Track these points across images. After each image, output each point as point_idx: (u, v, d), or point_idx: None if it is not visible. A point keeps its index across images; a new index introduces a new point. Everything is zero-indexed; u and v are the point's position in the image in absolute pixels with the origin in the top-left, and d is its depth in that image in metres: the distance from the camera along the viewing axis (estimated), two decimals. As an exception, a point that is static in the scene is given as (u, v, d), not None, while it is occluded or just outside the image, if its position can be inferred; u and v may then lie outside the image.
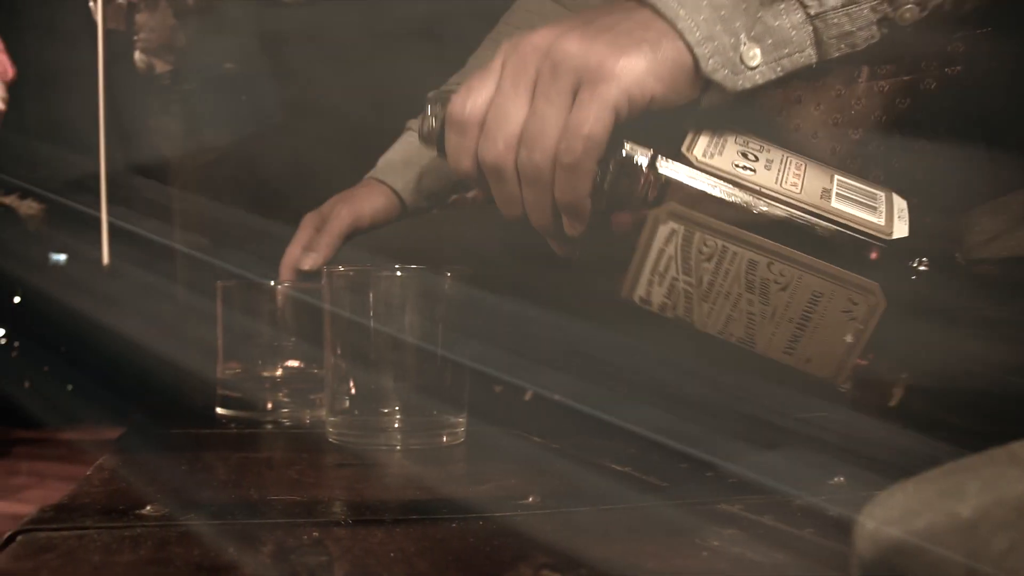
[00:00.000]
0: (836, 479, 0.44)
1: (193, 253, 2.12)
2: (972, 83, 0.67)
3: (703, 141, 0.51)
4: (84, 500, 0.38)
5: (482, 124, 0.53)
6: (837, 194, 0.50)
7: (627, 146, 0.50)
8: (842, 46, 0.53)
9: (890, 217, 0.49)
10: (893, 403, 0.54)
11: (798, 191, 0.49)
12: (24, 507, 2.47)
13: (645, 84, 0.50)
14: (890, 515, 0.24)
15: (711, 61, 0.51)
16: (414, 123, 1.00)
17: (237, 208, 2.12)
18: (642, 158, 0.50)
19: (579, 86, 0.50)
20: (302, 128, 2.31)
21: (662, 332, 0.56)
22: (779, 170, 0.51)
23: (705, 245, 0.49)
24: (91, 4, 2.29)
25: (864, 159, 0.73)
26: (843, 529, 0.34)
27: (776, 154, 0.52)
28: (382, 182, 0.94)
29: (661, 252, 0.50)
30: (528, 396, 1.64)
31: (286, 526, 0.34)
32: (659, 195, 0.50)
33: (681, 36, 0.50)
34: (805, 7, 0.52)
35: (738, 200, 0.49)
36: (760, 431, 0.62)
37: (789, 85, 0.77)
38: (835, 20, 0.52)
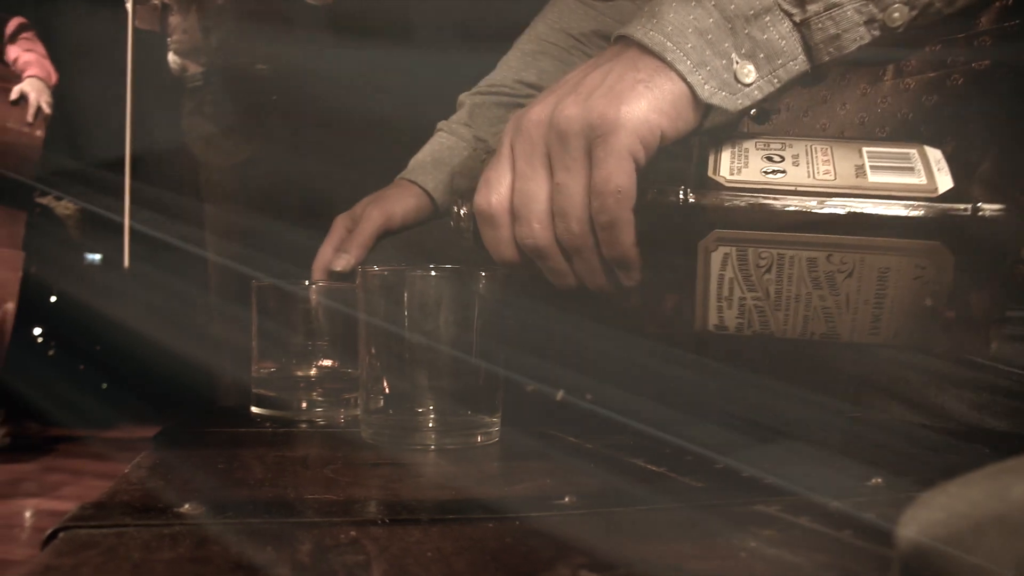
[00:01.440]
0: (873, 480, 0.44)
1: (225, 262, 2.14)
2: (1000, 78, 0.66)
3: (726, 159, 0.51)
4: (123, 498, 0.38)
5: (511, 211, 0.53)
6: (871, 167, 0.49)
7: (655, 188, 0.50)
8: (831, 49, 0.53)
9: (930, 172, 0.49)
10: (994, 346, 0.53)
11: (833, 177, 0.49)
12: (61, 504, 2.50)
13: (652, 122, 0.50)
14: (934, 518, 0.24)
15: (707, 87, 0.51)
16: (445, 124, 1.00)
17: (269, 208, 2.14)
18: (674, 195, 0.50)
19: (591, 146, 0.50)
20: (333, 129, 2.32)
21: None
22: (807, 163, 0.50)
23: (761, 258, 0.49)
24: (127, 6, 2.31)
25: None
26: (882, 531, 0.34)
27: (799, 147, 0.52)
28: (413, 183, 0.94)
29: (721, 277, 0.50)
30: (559, 397, 1.64)
31: (323, 525, 0.34)
32: (701, 225, 0.49)
33: (672, 67, 0.51)
34: (790, 15, 0.52)
35: (778, 206, 0.49)
36: (799, 432, 0.61)
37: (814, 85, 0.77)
38: (819, 25, 0.52)
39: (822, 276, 0.49)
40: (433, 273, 0.53)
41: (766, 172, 0.50)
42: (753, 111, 0.79)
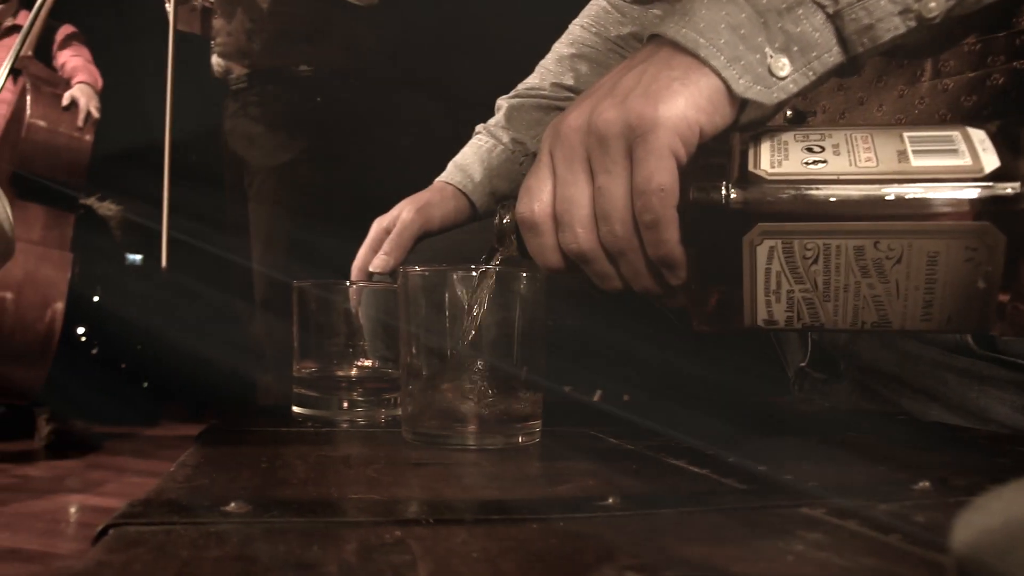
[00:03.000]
0: (921, 484, 0.43)
1: (267, 262, 2.16)
2: None
3: (766, 152, 0.51)
4: (170, 496, 0.39)
5: (555, 218, 0.53)
6: (914, 151, 0.49)
7: (697, 185, 0.50)
8: (864, 40, 0.52)
9: (974, 153, 0.48)
10: None
11: (875, 164, 0.48)
12: (105, 500, 2.53)
13: (690, 119, 0.50)
14: (990, 522, 0.23)
15: (741, 81, 0.51)
16: (483, 127, 1.00)
17: (312, 208, 2.16)
18: (716, 191, 0.49)
19: (631, 147, 0.50)
20: (375, 131, 2.34)
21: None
22: (848, 151, 0.50)
23: (807, 250, 0.48)
24: (167, 8, 2.34)
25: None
26: (931, 535, 0.34)
27: (839, 136, 0.51)
28: (452, 185, 0.94)
29: (768, 271, 0.50)
30: (598, 397, 1.64)
31: (367, 525, 0.34)
32: (745, 220, 0.49)
33: (706, 63, 0.51)
34: (822, 7, 0.52)
35: (821, 196, 0.48)
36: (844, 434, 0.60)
37: (850, 88, 0.76)
38: (853, 16, 0.52)
39: (870, 264, 0.48)
40: (475, 274, 0.53)
41: (807, 163, 0.49)
42: (789, 113, 0.79)
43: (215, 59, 2.29)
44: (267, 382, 2.23)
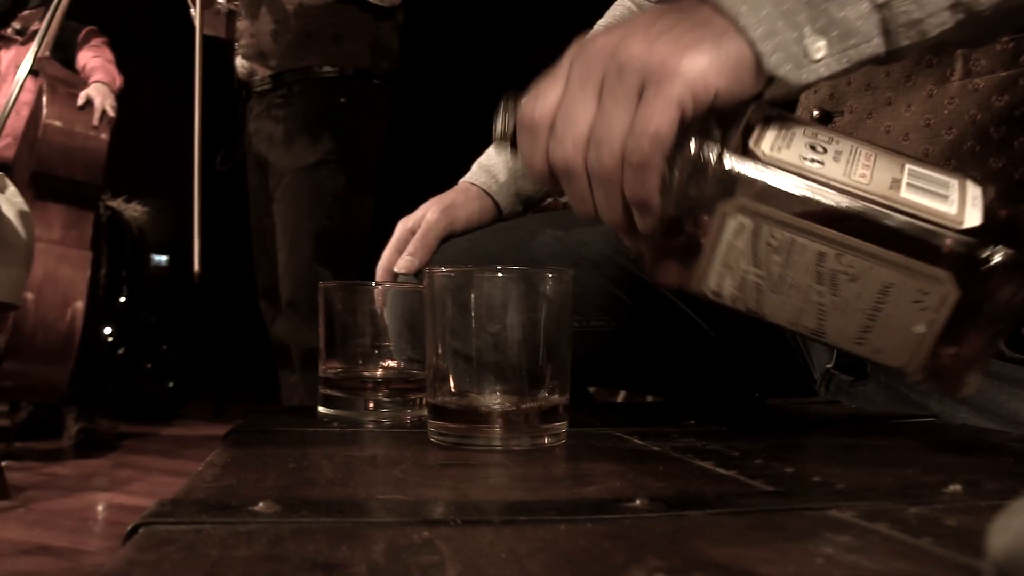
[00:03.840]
0: (951, 487, 0.43)
1: (293, 262, 2.17)
2: None
3: (771, 134, 0.50)
4: (198, 495, 0.39)
5: (551, 126, 0.54)
6: (908, 184, 0.49)
7: (693, 142, 0.49)
8: (911, 34, 0.52)
9: (962, 205, 0.48)
10: (969, 391, 0.52)
11: (867, 182, 0.48)
12: (131, 499, 2.55)
13: (708, 80, 0.50)
14: (1026, 526, 0.23)
15: (774, 57, 0.50)
16: None
17: (337, 209, 2.17)
18: (709, 153, 0.49)
19: (644, 86, 0.50)
20: (399, 131, 2.34)
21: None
22: (848, 161, 0.49)
23: (773, 238, 0.48)
24: (191, 12, 2.36)
25: (959, 159, 0.71)
26: (963, 540, 0.33)
27: (845, 145, 0.51)
28: (477, 186, 0.94)
29: (731, 246, 0.50)
30: (620, 398, 1.63)
31: (395, 525, 0.34)
32: (727, 190, 0.49)
33: (743, 32, 0.50)
34: None
35: (806, 193, 0.48)
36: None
37: (878, 87, 0.75)
38: (902, 8, 0.51)
39: (827, 273, 0.48)
40: (500, 274, 0.53)
41: (804, 158, 0.49)
42: (816, 113, 0.78)
43: (239, 61, 2.31)
44: (292, 383, 2.24)
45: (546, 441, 0.54)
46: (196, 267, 2.48)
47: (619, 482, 0.44)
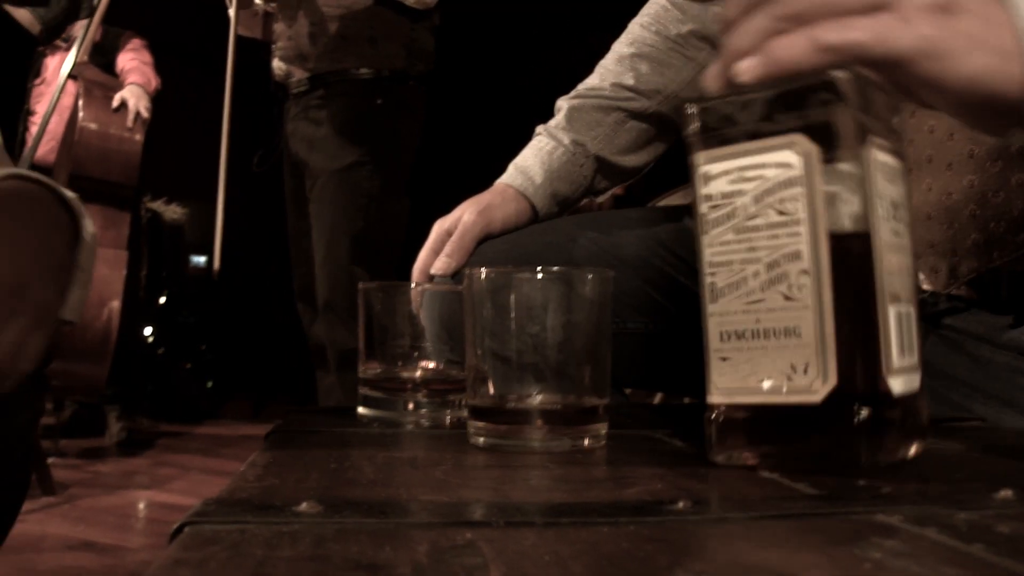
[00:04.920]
0: (1002, 493, 0.42)
1: (330, 264, 2.18)
2: None
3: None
4: (242, 495, 0.39)
5: None
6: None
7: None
8: None
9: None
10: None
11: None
12: (171, 497, 2.58)
13: (977, 77, 0.46)
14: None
15: None
16: (543, 128, 1.00)
17: (372, 211, 2.18)
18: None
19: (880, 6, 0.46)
20: (436, 133, 2.34)
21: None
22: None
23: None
24: (229, 13, 2.38)
25: (1005, 161, 0.70)
26: (1018, 547, 0.33)
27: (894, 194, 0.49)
28: (513, 187, 0.94)
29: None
30: (657, 400, 1.62)
31: (438, 526, 0.34)
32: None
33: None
34: None
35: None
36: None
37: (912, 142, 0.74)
38: None
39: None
40: (540, 275, 0.53)
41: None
42: None
43: (276, 63, 2.32)
44: (329, 383, 2.26)
45: (586, 443, 0.53)
46: (216, 264, 2.50)
47: (660, 484, 0.44)
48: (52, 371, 0.65)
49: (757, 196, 0.47)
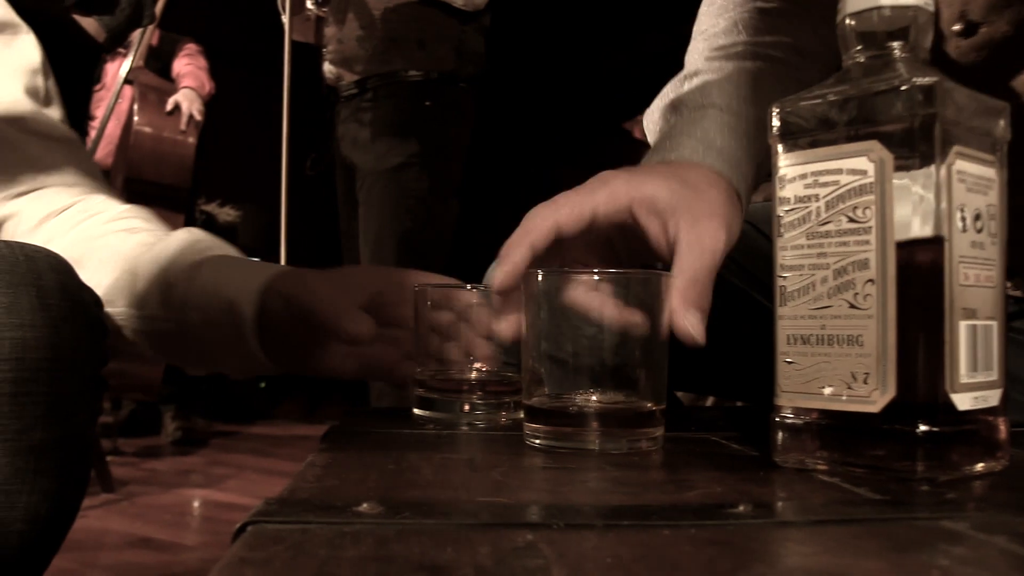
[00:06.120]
0: (1073, 498, 0.41)
1: (380, 265, 2.19)
2: None
3: None
4: (302, 495, 0.40)
5: None
6: None
7: None
8: None
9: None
10: None
11: None
12: (226, 495, 2.62)
13: None
14: None
15: None
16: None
17: (421, 211, 2.19)
18: None
19: None
20: (486, 132, 2.34)
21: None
22: None
23: None
24: (283, 20, 2.41)
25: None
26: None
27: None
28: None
29: None
30: (709, 403, 1.61)
31: (498, 528, 0.34)
32: None
33: None
34: None
35: None
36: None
37: None
38: None
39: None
40: (596, 277, 0.53)
41: None
42: (959, 26, 0.71)
43: (326, 66, 2.35)
44: (380, 385, 2.27)
45: (643, 445, 0.53)
46: (282, 262, 2.53)
47: (719, 487, 0.43)
48: (109, 371, 0.67)
49: (830, 202, 0.46)
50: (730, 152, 0.67)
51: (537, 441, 0.54)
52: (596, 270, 0.53)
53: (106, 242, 0.81)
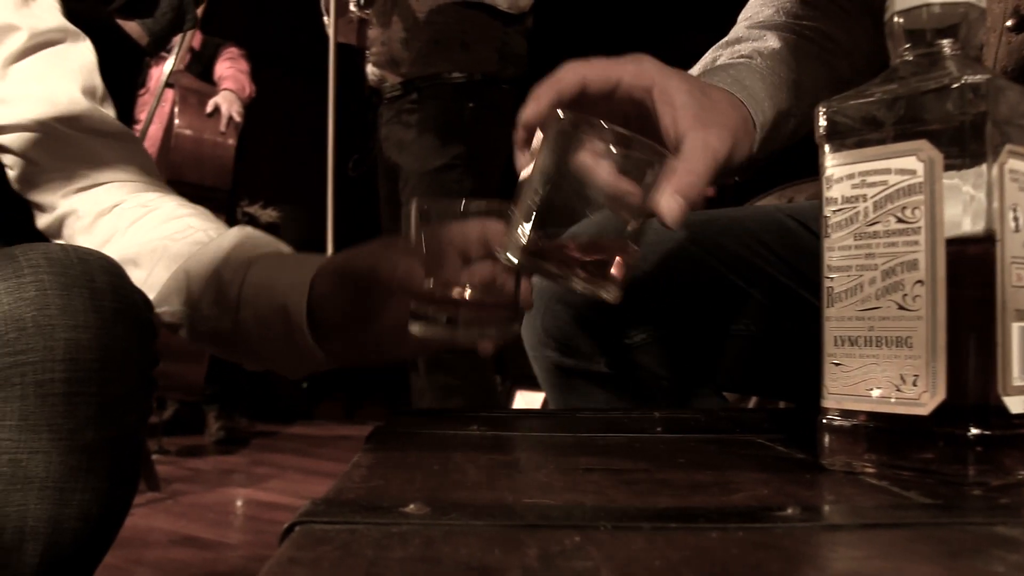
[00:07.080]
0: None
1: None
2: None
3: None
4: (349, 496, 0.40)
5: None
6: None
7: None
8: None
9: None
10: None
11: None
12: (268, 495, 2.64)
13: None
14: None
15: None
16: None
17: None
18: None
19: None
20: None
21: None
22: None
23: None
24: (325, 20, 2.43)
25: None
26: None
27: None
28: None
29: None
30: (752, 403, 1.59)
31: (545, 529, 0.34)
32: None
33: None
34: None
35: None
36: None
37: None
38: None
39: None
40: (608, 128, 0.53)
41: None
42: (1011, 21, 0.71)
43: (370, 68, 2.36)
44: (419, 387, 2.28)
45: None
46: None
47: (766, 490, 0.43)
48: (155, 372, 0.68)
49: (878, 202, 0.46)
50: (755, 91, 0.69)
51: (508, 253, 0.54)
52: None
53: (162, 242, 0.82)
